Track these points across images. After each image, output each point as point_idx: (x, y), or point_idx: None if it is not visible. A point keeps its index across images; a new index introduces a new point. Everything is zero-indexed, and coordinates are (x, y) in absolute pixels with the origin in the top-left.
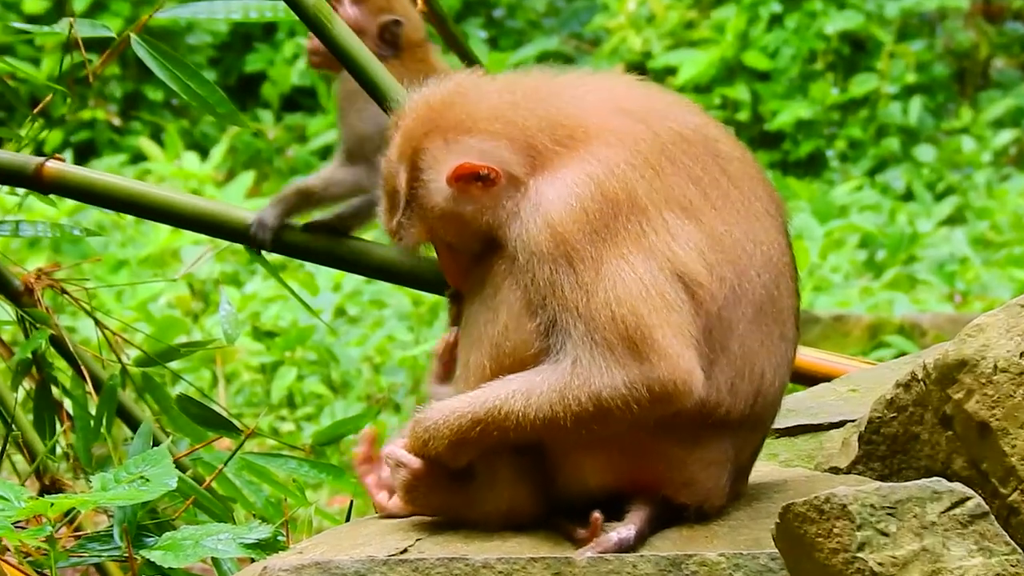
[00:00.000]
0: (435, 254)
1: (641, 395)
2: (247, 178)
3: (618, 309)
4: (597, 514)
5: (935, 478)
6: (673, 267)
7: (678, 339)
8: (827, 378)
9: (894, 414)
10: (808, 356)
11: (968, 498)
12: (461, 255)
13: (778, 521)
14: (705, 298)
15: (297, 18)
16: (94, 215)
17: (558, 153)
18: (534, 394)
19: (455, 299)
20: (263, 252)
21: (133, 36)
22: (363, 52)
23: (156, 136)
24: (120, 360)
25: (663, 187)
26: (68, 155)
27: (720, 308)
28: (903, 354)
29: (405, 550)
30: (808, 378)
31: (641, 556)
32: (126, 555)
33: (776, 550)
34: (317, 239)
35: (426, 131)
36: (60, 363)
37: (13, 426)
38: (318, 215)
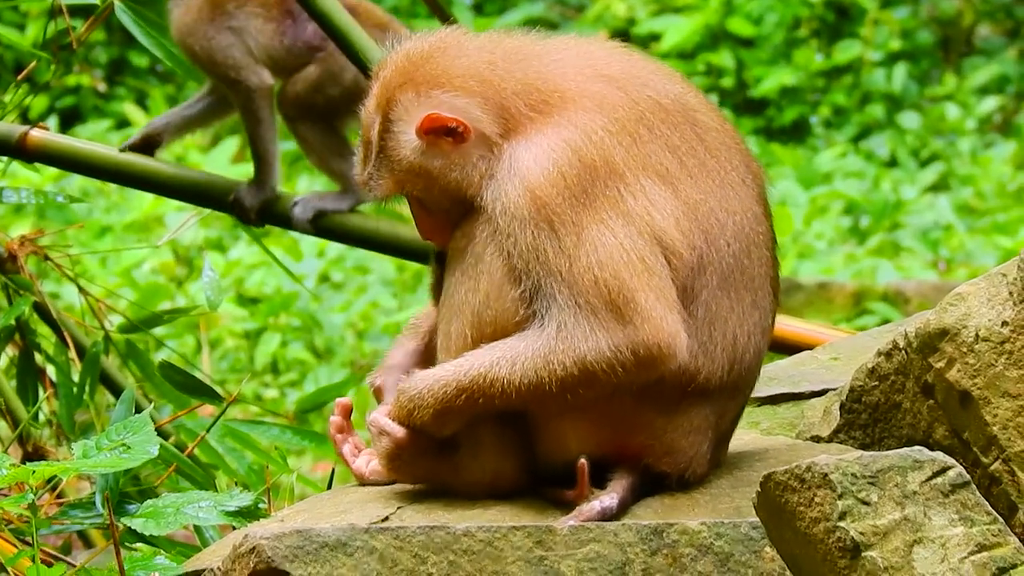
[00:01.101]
0: (408, 209)
1: (626, 358)
2: (231, 144)
3: (600, 273)
4: (583, 460)
5: (916, 447)
6: (652, 232)
7: (661, 302)
8: (808, 347)
9: (876, 383)
10: (790, 326)
11: (949, 467)
12: (434, 212)
13: (759, 490)
14: (678, 265)
15: None
16: (79, 181)
17: (531, 119)
18: (519, 360)
19: (439, 261)
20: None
21: (117, 3)
22: (346, 20)
23: (141, 102)
24: (103, 327)
25: (640, 154)
26: (53, 121)
27: (686, 276)
28: (887, 321)
29: (386, 518)
30: (790, 347)
31: (622, 524)
32: (108, 522)
33: (757, 519)
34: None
35: (401, 83)
36: (43, 330)
37: None
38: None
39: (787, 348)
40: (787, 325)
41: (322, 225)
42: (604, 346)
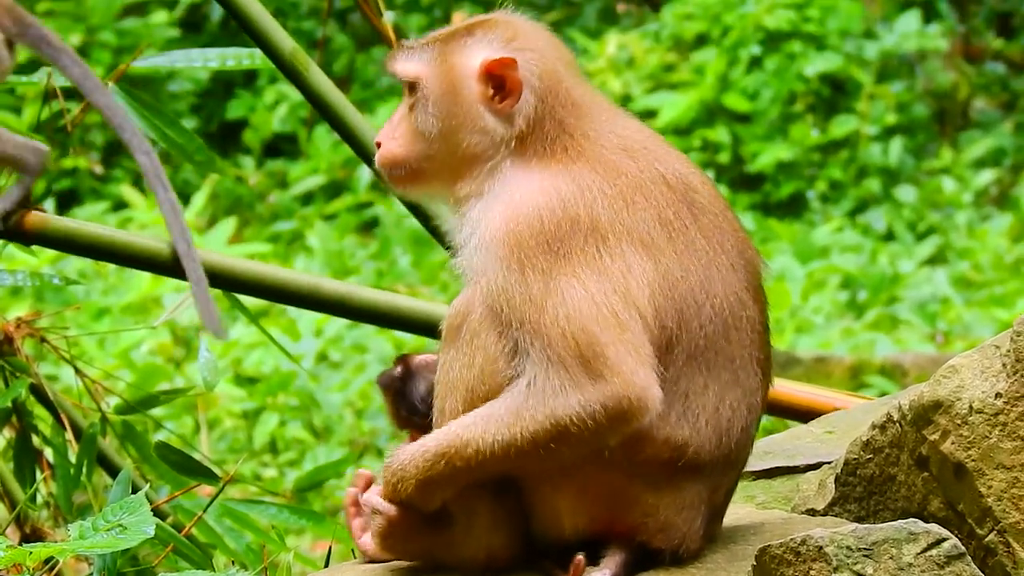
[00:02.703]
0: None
1: (597, 411)
2: (229, 224)
3: (568, 327)
4: (580, 556)
5: (911, 519)
6: (626, 293)
7: (632, 356)
8: (819, 412)
9: (870, 455)
10: (804, 392)
11: (944, 539)
12: (414, 129)
13: (754, 563)
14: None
15: (274, 66)
16: (76, 262)
17: (545, 151)
18: (492, 419)
19: (387, 386)
20: (240, 299)
21: (111, 84)
22: (339, 99)
23: (138, 183)
24: (100, 408)
25: (629, 220)
26: (50, 203)
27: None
28: (885, 395)
29: None
30: (801, 413)
31: None
32: None
33: None
34: None
35: (508, 21)
36: (40, 411)
37: None
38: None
39: (799, 414)
40: (801, 391)
41: (320, 298)
42: (574, 401)
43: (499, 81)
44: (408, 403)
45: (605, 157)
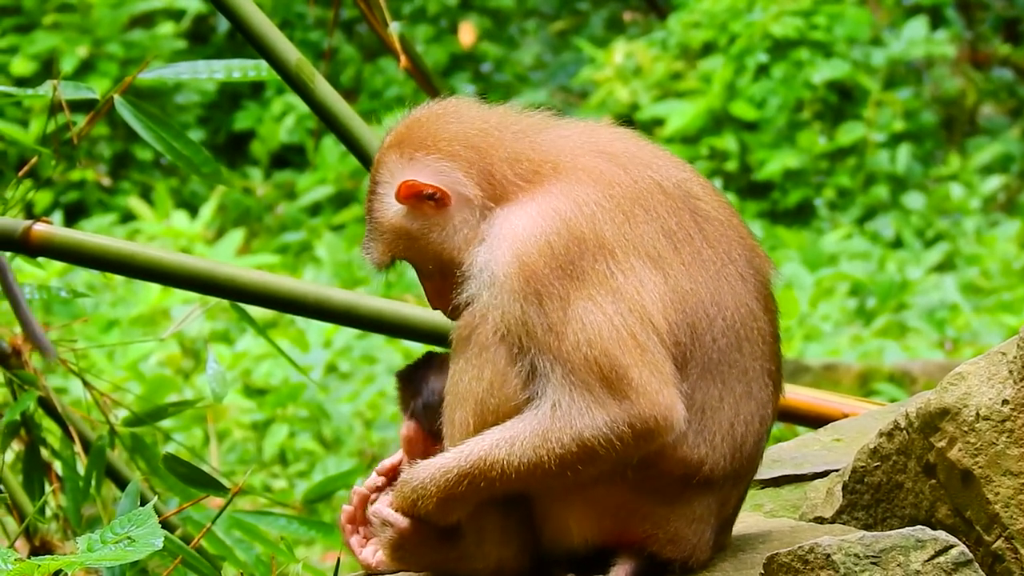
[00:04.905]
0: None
1: (623, 432)
2: (237, 236)
3: (590, 351)
4: None
5: (919, 526)
6: (642, 311)
7: (655, 376)
8: (828, 418)
9: (877, 463)
10: (817, 398)
11: (952, 546)
12: (430, 278)
13: (762, 572)
14: None
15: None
16: (84, 275)
17: (520, 187)
18: (517, 441)
19: (405, 377)
20: (249, 310)
21: (117, 97)
22: (345, 110)
23: (145, 195)
24: (108, 420)
25: (633, 234)
26: (58, 216)
27: None
28: (894, 402)
29: None
30: (811, 418)
31: None
32: None
33: None
34: None
35: (390, 145)
36: (49, 424)
37: (2, 488)
38: None
39: (809, 421)
40: (809, 397)
41: (327, 309)
42: (600, 423)
43: (420, 195)
44: (423, 397)
45: (588, 166)
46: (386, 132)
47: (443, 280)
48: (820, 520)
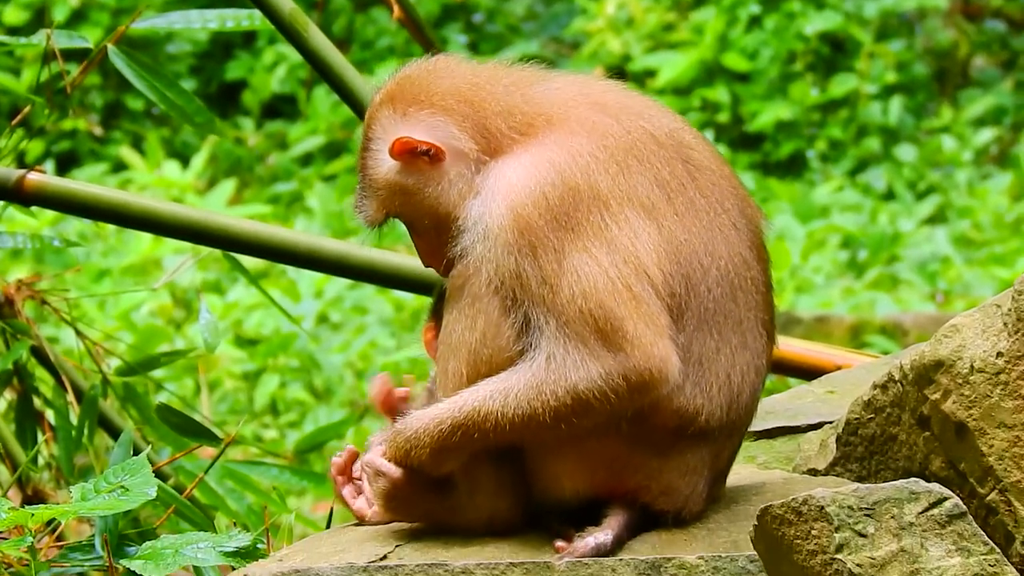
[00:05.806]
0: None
1: (618, 384)
2: (228, 186)
3: (585, 304)
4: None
5: (912, 479)
6: (637, 262)
7: (650, 328)
8: (821, 370)
9: (871, 415)
10: (811, 350)
11: (946, 498)
12: (424, 234)
13: (756, 524)
14: None
15: (274, 27)
16: (76, 224)
17: (515, 139)
18: (511, 393)
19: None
20: (240, 260)
21: (110, 47)
22: (339, 60)
23: (137, 145)
24: (101, 370)
25: (627, 184)
26: (50, 165)
27: None
28: (886, 354)
29: (385, 556)
30: (804, 370)
31: (620, 560)
32: (107, 565)
33: (754, 552)
34: None
35: (383, 101)
36: (42, 374)
37: None
38: None
39: (803, 372)
40: (802, 348)
41: (319, 258)
42: (595, 375)
43: (414, 151)
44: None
45: (581, 117)
46: (376, 89)
47: (437, 236)
48: (813, 472)
